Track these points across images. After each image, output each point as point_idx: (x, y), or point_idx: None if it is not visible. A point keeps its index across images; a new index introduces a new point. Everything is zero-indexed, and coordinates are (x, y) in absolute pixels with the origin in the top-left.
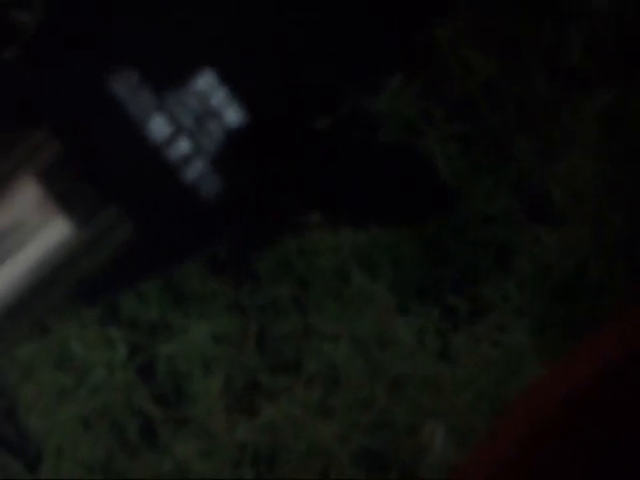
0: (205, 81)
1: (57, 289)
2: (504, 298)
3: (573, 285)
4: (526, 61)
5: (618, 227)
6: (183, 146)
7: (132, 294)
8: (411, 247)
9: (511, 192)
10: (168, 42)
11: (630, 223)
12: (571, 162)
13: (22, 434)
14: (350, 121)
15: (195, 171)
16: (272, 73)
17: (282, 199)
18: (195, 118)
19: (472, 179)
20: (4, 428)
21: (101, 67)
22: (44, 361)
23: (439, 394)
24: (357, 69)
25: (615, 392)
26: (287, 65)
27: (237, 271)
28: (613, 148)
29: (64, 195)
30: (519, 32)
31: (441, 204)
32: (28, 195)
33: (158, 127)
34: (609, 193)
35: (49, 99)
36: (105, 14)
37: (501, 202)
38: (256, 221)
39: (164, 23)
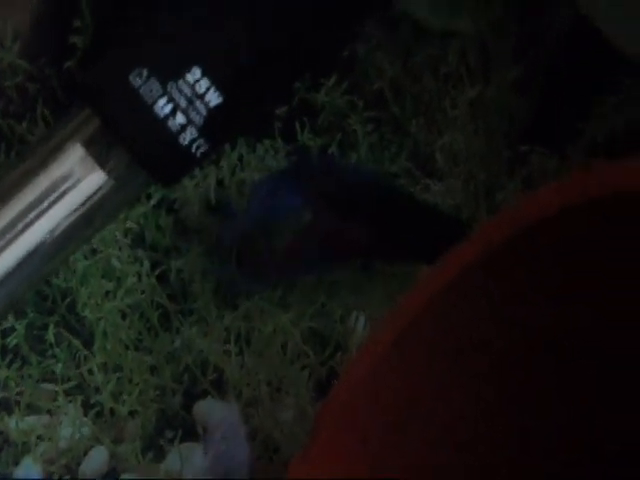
0: (193, 75)
1: (94, 223)
2: None
3: (451, 218)
4: (419, 66)
5: (481, 181)
6: (180, 119)
7: (153, 227)
8: None
9: (409, 157)
10: (168, 46)
11: (489, 178)
12: (449, 137)
13: (80, 322)
14: (300, 109)
15: (189, 136)
16: (243, 69)
17: None
18: (187, 100)
19: (382, 149)
20: (67, 317)
21: (123, 66)
22: (94, 272)
23: (362, 296)
24: (307, 73)
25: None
26: (257, 64)
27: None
28: (477, 127)
29: (102, 156)
30: (413, 47)
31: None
32: (75, 156)
33: (162, 107)
34: (475, 158)
35: (91, 90)
36: (132, 22)
37: (402, 164)
38: None
39: (164, 32)
